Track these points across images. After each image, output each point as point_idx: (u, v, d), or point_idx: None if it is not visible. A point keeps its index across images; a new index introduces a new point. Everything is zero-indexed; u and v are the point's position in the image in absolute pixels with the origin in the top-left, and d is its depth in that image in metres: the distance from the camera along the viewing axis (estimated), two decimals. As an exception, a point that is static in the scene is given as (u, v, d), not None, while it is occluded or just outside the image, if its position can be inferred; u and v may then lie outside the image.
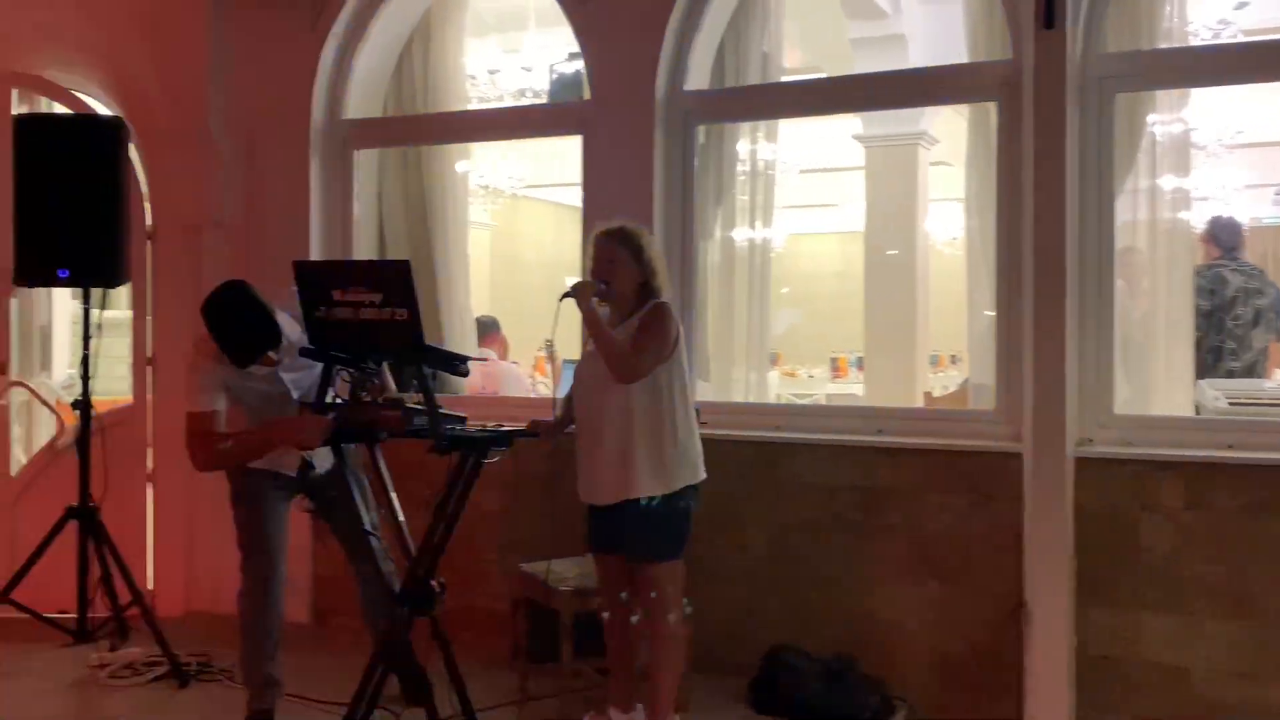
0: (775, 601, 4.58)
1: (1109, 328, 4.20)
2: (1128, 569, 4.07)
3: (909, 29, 7.16)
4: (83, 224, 4.73)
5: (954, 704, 4.29)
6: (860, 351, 9.18)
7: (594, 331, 3.66)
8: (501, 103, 7.42)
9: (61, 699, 4.36)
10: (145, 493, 5.62)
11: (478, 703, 4.03)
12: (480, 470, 3.60)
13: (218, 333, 3.57)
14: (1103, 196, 4.21)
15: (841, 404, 8.81)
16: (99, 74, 5.78)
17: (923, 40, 7.17)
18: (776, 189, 9.07)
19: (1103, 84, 4.21)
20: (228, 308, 3.58)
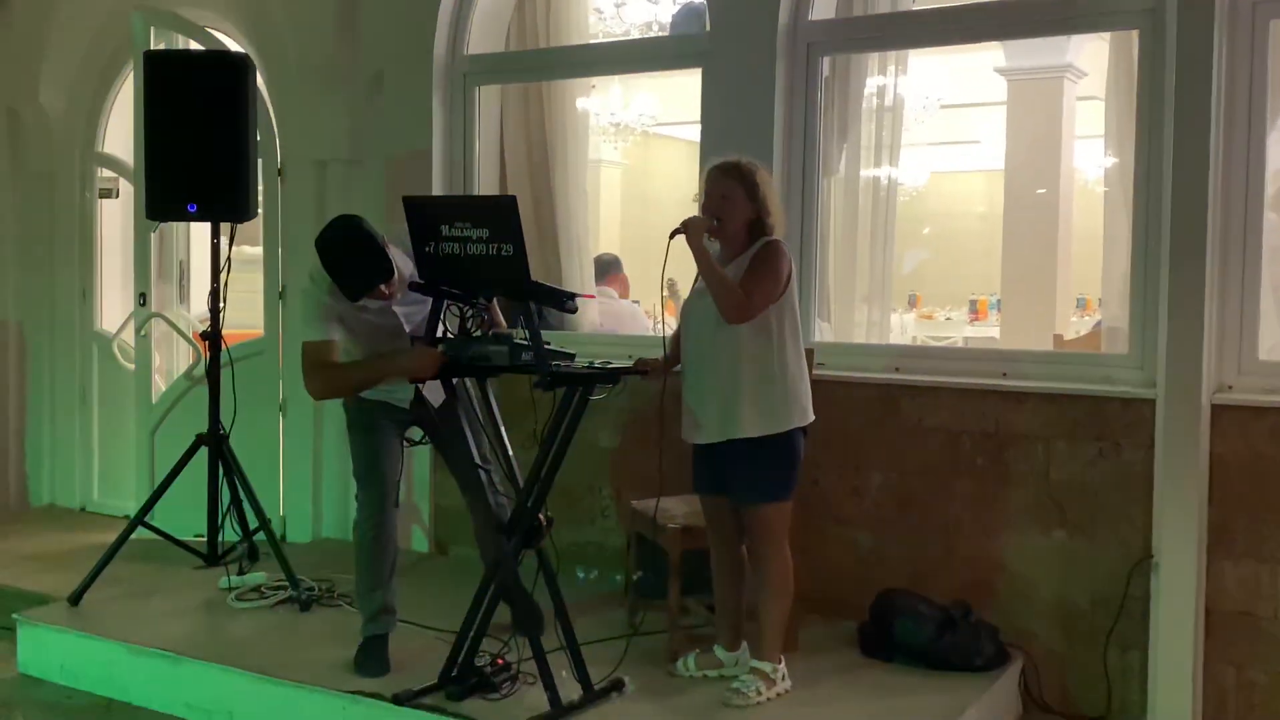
0: (893, 546, 4.49)
1: (1256, 270, 3.95)
2: (1267, 521, 3.86)
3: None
4: (210, 160, 4.83)
5: (1075, 656, 4.16)
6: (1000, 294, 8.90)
7: (705, 270, 3.59)
8: (628, 36, 7.34)
9: (190, 620, 4.54)
10: (277, 422, 5.80)
11: (588, 636, 4.09)
12: (586, 406, 3.59)
13: (331, 267, 3.62)
14: (1252, 132, 3.93)
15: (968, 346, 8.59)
16: (229, 9, 5.91)
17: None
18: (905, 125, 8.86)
19: (1256, 9, 3.92)
20: (339, 242, 3.62)
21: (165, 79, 4.90)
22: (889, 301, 5.30)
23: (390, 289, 3.72)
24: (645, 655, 4.07)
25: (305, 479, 5.74)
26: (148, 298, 5.92)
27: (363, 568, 4.01)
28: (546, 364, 3.46)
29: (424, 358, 3.57)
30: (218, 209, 4.91)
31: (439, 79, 5.52)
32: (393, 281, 3.70)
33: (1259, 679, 3.89)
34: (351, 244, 3.62)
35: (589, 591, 4.91)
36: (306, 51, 5.68)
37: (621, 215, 11.80)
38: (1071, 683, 4.17)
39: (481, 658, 3.76)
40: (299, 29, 5.69)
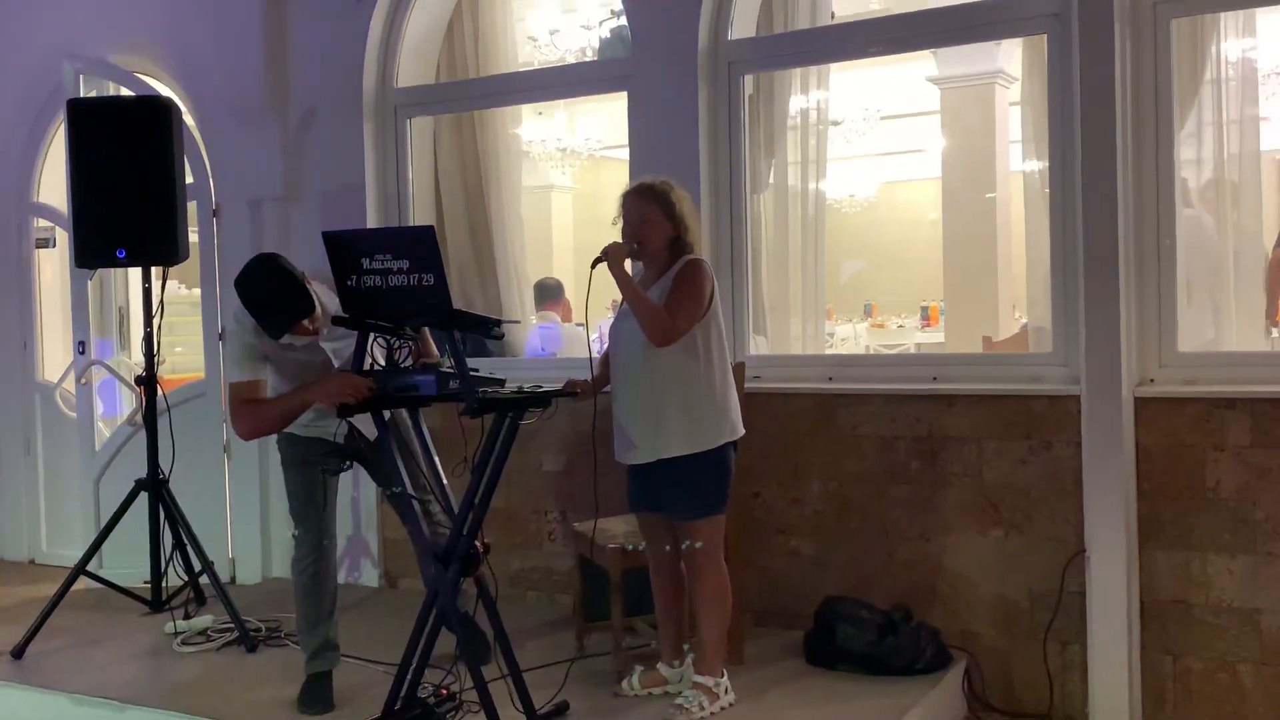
0: (835, 554, 4.53)
1: (1171, 265, 4.03)
2: (1194, 510, 3.93)
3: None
4: (138, 204, 4.83)
5: (1017, 653, 4.21)
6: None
7: (628, 295, 3.61)
8: (563, 63, 7.40)
9: (135, 666, 4.51)
10: (223, 464, 5.78)
11: (537, 660, 4.11)
12: (517, 431, 3.60)
13: (250, 305, 3.63)
14: (1160, 129, 4.02)
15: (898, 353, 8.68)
16: (159, 55, 5.91)
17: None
18: (847, 137, 8.95)
19: (1157, 9, 4.01)
20: (257, 281, 3.63)
21: (90, 126, 4.89)
22: (823, 312, 5.35)
23: (314, 324, 3.73)
24: (592, 676, 4.10)
25: (253, 520, 5.72)
26: (87, 345, 5.90)
27: (303, 605, 4.00)
28: (473, 391, 3.47)
29: (343, 380, 3.56)
30: (148, 253, 4.90)
31: (370, 113, 5.55)
32: (315, 317, 3.71)
33: (1195, 665, 3.95)
34: (269, 282, 3.63)
35: (538, 616, 4.92)
36: (236, 91, 5.69)
37: (574, 239, 11.85)
38: (1014, 680, 4.21)
39: (425, 689, 3.75)
40: (228, 69, 5.70)
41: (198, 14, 5.75)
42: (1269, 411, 3.81)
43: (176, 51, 5.87)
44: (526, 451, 5.07)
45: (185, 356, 7.04)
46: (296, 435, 3.97)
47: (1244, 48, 4.33)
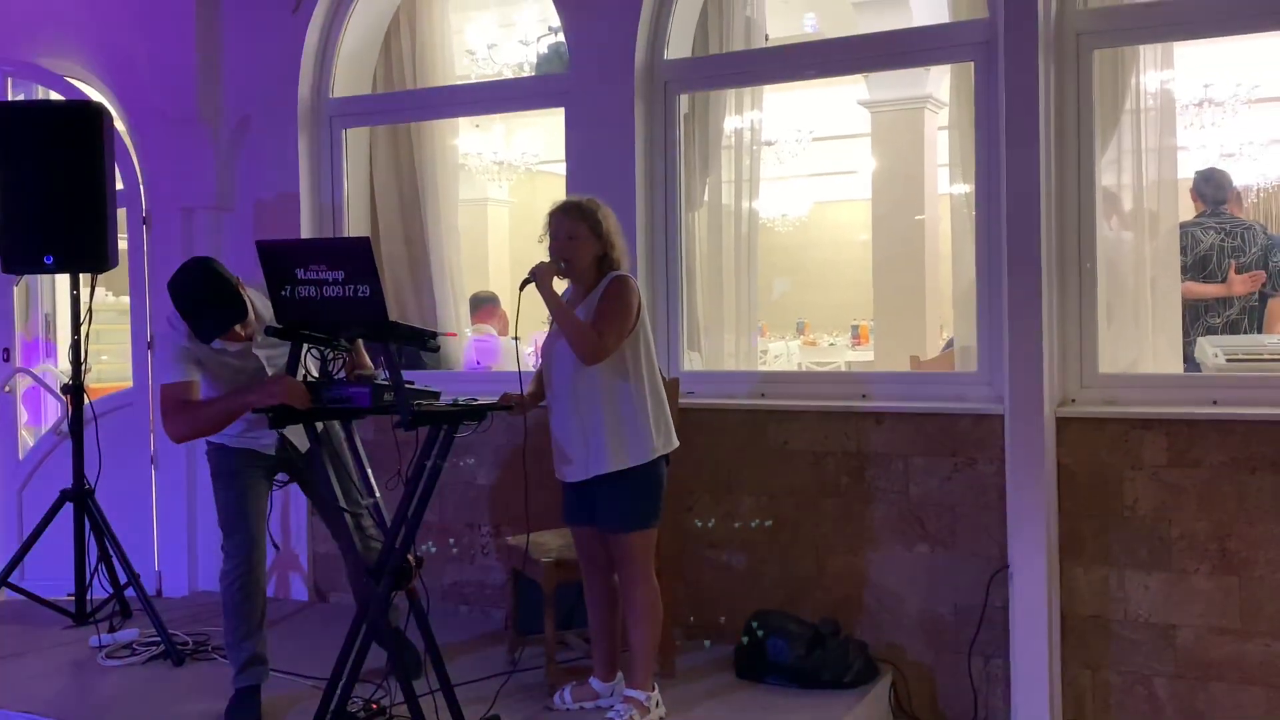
0: (766, 568, 4.58)
1: (1092, 288, 4.15)
2: (1113, 528, 4.04)
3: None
4: (66, 210, 4.77)
5: (942, 666, 4.29)
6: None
7: (557, 315, 3.64)
8: (501, 77, 7.42)
9: (59, 680, 4.43)
10: (150, 475, 5.70)
11: (469, 675, 4.10)
12: (451, 444, 3.61)
13: (183, 309, 3.63)
14: (1082, 156, 4.15)
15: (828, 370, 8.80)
16: (90, 59, 5.83)
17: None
18: (781, 158, 9.05)
19: (1080, 40, 4.14)
20: (190, 284, 3.64)
21: (18, 130, 4.81)
22: (756, 329, 5.42)
23: (246, 330, 3.72)
24: (524, 690, 4.11)
25: (180, 531, 5.64)
26: (10, 353, 5.80)
27: (231, 618, 3.97)
28: (407, 404, 3.47)
29: (277, 384, 3.54)
30: (76, 260, 4.84)
31: (305, 122, 5.53)
32: (249, 322, 3.70)
33: (1114, 679, 4.05)
34: (202, 286, 3.64)
35: (472, 630, 4.92)
36: (169, 98, 5.63)
37: (511, 252, 11.85)
38: (939, 693, 4.29)
39: (355, 703, 3.74)
40: (160, 75, 5.64)
41: (130, 19, 5.68)
42: (1184, 432, 3.94)
43: (108, 56, 5.80)
44: (461, 465, 5.08)
45: (111, 365, 6.94)
46: (227, 446, 3.94)
47: (1162, 79, 4.47)
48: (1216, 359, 4.65)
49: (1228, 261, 5.38)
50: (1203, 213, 5.47)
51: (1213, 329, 5.19)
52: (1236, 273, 5.34)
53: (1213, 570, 3.91)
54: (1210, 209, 5.43)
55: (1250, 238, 5.38)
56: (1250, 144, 8.78)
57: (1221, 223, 5.45)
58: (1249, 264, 5.29)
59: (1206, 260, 5.33)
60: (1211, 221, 5.41)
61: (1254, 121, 8.27)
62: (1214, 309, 5.37)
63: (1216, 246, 5.35)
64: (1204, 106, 7.99)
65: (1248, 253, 5.39)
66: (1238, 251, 5.35)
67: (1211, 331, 5.18)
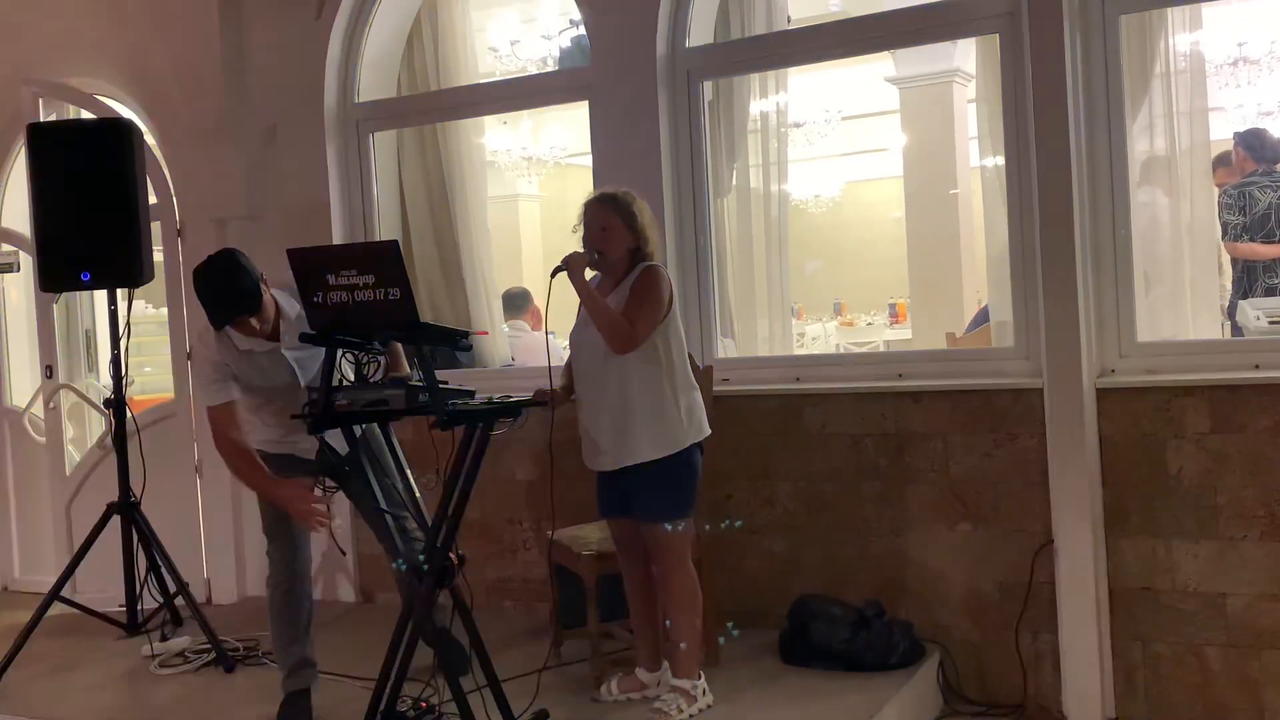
0: (808, 553, 4.57)
1: (1127, 257, 4.09)
2: (1159, 498, 3.99)
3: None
4: (101, 227, 4.83)
5: (989, 645, 4.25)
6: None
7: (588, 303, 3.65)
8: (525, 73, 7.42)
9: (113, 690, 4.50)
10: (195, 484, 5.77)
11: (515, 670, 4.11)
12: (488, 441, 3.62)
13: (197, 292, 3.77)
14: (1112, 123, 4.08)
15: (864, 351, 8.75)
16: (118, 76, 5.91)
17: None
18: (810, 139, 9.00)
19: (1106, 6, 4.08)
20: (207, 271, 3.78)
21: (49, 150, 4.89)
22: (789, 313, 5.40)
23: (263, 325, 3.78)
24: (570, 683, 4.13)
25: (227, 539, 5.71)
26: (54, 369, 5.89)
27: (278, 622, 4.01)
28: (442, 404, 3.49)
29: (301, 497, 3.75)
30: (112, 275, 4.90)
31: (331, 129, 5.57)
32: (266, 317, 3.78)
33: (1163, 651, 4.01)
34: (218, 273, 3.76)
35: (516, 626, 4.94)
36: (197, 111, 5.69)
37: (543, 247, 11.86)
38: (988, 672, 4.26)
39: (404, 702, 3.77)
40: (188, 90, 5.71)
41: (155, 34, 5.74)
42: (1226, 398, 3.88)
43: (135, 72, 5.87)
44: (499, 462, 5.09)
45: (154, 377, 7.02)
46: (267, 453, 3.98)
47: (1191, 41, 4.40)
48: (1259, 321, 4.58)
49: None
50: (1254, 172, 5.40)
51: (1272, 289, 5.13)
52: None
53: (1261, 536, 3.85)
54: (1263, 167, 5.36)
55: None
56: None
57: (1275, 181, 5.37)
58: None
59: (1265, 219, 5.26)
60: (1266, 181, 5.33)
61: (1293, 77, 8.10)
62: (1271, 269, 5.29)
63: (1276, 205, 5.26)
64: (1239, 65, 7.84)
65: None
66: None
67: (1271, 292, 5.11)
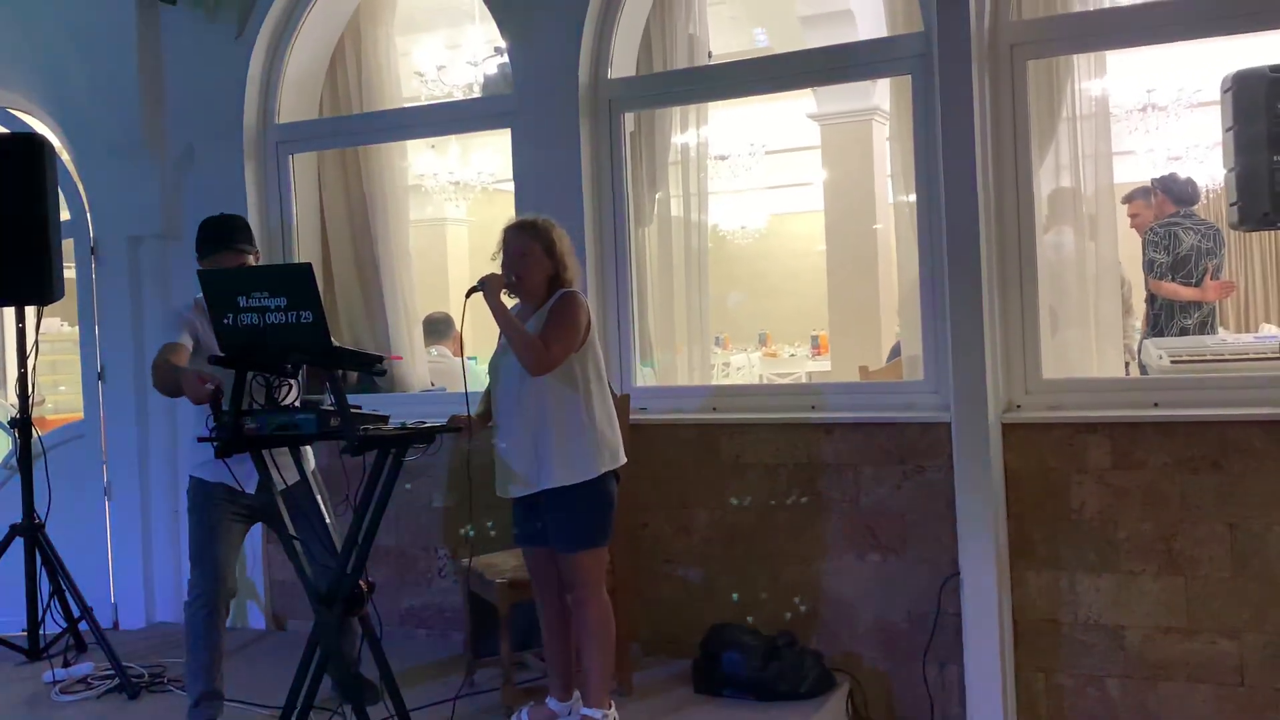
0: (722, 581, 4.60)
1: (1033, 294, 4.20)
2: (1062, 531, 4.09)
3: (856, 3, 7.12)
4: (10, 243, 4.73)
5: (898, 674, 4.31)
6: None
7: (503, 325, 3.67)
8: (450, 99, 7.42)
9: (13, 717, 4.38)
10: (104, 507, 5.66)
11: (427, 699, 4.09)
12: (400, 467, 3.60)
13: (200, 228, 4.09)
14: (1019, 164, 4.20)
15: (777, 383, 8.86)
16: (32, 90, 5.81)
17: (871, 14, 7.15)
18: (714, 172, 9.14)
19: (1014, 51, 4.20)
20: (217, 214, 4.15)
21: (-45, 166, 4.80)
22: (709, 343, 5.45)
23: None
24: (481, 712, 4.12)
25: (136, 563, 5.60)
26: (-40, 388, 5.76)
27: (190, 650, 3.94)
28: (354, 429, 3.47)
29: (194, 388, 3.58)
30: (21, 292, 4.81)
31: (250, 149, 5.52)
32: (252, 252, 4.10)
33: (1066, 682, 4.09)
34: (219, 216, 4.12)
35: (431, 654, 4.90)
36: (114, 128, 5.61)
37: (470, 271, 11.84)
38: (896, 701, 4.32)
39: (310, 730, 3.72)
40: (105, 106, 5.62)
41: (72, 50, 5.65)
42: (1126, 434, 3.99)
43: (51, 87, 5.77)
44: (415, 489, 5.07)
45: (69, 396, 6.88)
46: (204, 479, 3.95)
47: (1098, 86, 4.54)
48: (1161, 360, 4.72)
49: (1204, 264, 5.50)
50: (1175, 213, 5.59)
51: (1186, 330, 5.31)
52: (1212, 278, 5.47)
53: (1159, 570, 3.97)
54: (1183, 209, 5.56)
55: (1219, 240, 5.50)
56: (1196, 146, 8.91)
57: (1196, 224, 5.56)
58: (1220, 267, 5.44)
59: (1185, 261, 5.44)
60: (1189, 222, 5.52)
61: (1198, 125, 8.37)
62: (1187, 310, 5.48)
63: (1195, 248, 5.45)
64: (1148, 111, 8.11)
65: (1218, 255, 5.51)
66: (1211, 254, 5.46)
67: (1185, 333, 5.28)
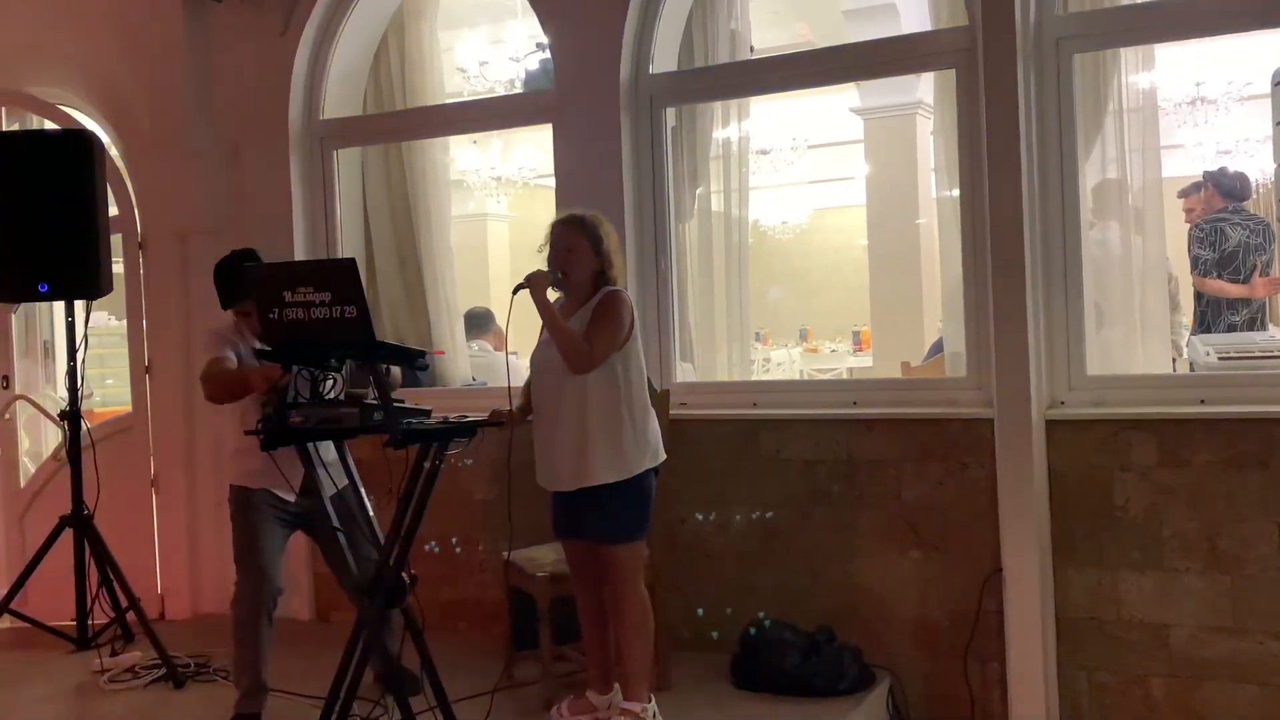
0: (761, 578, 4.59)
1: (1078, 290, 4.16)
2: (1105, 529, 4.05)
3: (900, -2, 7.09)
4: (60, 238, 4.80)
5: (938, 670, 4.29)
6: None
7: (549, 322, 3.68)
8: (493, 94, 7.46)
9: (61, 705, 4.46)
10: (150, 499, 5.73)
11: (467, 691, 4.11)
12: (442, 461, 3.63)
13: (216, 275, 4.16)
14: (1065, 158, 4.16)
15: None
16: (81, 87, 5.88)
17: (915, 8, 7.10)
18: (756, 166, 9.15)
19: (1060, 45, 4.16)
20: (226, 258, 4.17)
21: (9, 159, 4.86)
22: (749, 339, 5.44)
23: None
24: (521, 705, 4.14)
25: (182, 555, 5.67)
26: (11, 380, 5.85)
27: (238, 646, 4.00)
28: (396, 423, 3.50)
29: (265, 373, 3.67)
30: (70, 287, 4.88)
31: (296, 145, 5.58)
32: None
33: (1108, 680, 4.06)
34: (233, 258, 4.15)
35: (471, 647, 4.92)
36: (161, 124, 5.68)
37: (511, 267, 11.89)
38: (936, 698, 4.30)
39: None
40: (153, 103, 5.70)
41: (120, 46, 5.73)
42: (1173, 431, 3.95)
43: (99, 84, 5.85)
44: (457, 481, 5.09)
45: (115, 389, 6.98)
46: (245, 486, 4.01)
47: (1146, 79, 4.49)
48: (1208, 357, 4.66)
49: (1252, 260, 5.43)
50: (1222, 209, 5.52)
51: (1234, 326, 5.25)
52: (1260, 275, 5.40)
53: (1204, 569, 3.92)
54: (1232, 205, 5.49)
55: (1269, 235, 5.42)
56: (1245, 140, 8.79)
57: (1245, 220, 5.49)
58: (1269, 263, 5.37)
59: (1233, 257, 5.38)
60: (1236, 218, 5.46)
61: (1247, 118, 8.26)
62: (1234, 306, 5.42)
63: (1243, 243, 5.39)
64: (1197, 105, 8.00)
65: (1268, 251, 5.44)
66: (1260, 250, 5.39)
67: (1233, 329, 5.22)
